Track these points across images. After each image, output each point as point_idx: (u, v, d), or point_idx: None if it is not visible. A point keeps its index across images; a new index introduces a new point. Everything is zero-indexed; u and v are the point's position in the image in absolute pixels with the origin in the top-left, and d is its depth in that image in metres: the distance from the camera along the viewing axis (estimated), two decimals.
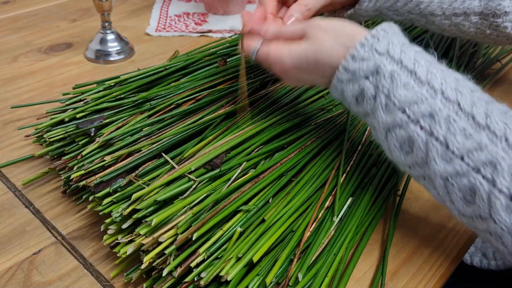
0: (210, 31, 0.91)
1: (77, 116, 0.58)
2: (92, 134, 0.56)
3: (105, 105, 0.60)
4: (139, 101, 0.61)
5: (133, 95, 0.62)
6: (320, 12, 0.64)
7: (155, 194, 0.47)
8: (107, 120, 0.58)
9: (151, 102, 0.61)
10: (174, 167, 0.50)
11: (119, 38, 0.81)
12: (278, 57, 0.50)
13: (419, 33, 0.83)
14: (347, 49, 0.46)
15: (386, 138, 0.45)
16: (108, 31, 0.80)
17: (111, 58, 0.79)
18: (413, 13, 0.67)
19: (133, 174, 0.50)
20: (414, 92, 0.42)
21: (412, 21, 0.68)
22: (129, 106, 0.61)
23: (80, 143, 0.56)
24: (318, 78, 0.50)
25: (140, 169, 0.51)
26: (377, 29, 0.46)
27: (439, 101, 0.41)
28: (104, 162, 0.52)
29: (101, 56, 0.79)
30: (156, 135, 0.56)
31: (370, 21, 0.84)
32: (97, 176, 0.50)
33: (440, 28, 0.68)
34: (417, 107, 0.42)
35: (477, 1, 0.64)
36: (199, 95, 0.63)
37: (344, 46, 0.46)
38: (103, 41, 0.80)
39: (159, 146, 0.54)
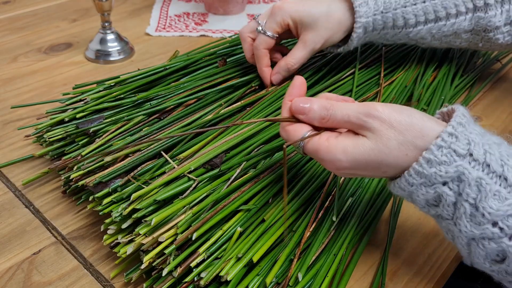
0: (210, 31, 0.91)
1: (77, 116, 0.58)
2: (91, 133, 0.56)
3: (105, 105, 0.60)
4: (139, 101, 0.61)
5: (133, 95, 0.62)
6: None
7: (155, 193, 0.47)
8: (107, 120, 0.58)
9: (151, 102, 0.61)
10: (174, 167, 0.50)
11: (119, 38, 0.81)
12: (332, 157, 0.41)
13: None
14: (418, 150, 0.39)
15: (469, 246, 0.39)
16: (108, 31, 0.80)
17: (111, 58, 0.79)
18: (402, 40, 0.68)
19: (132, 174, 0.50)
20: (508, 203, 0.37)
21: (404, 42, 0.70)
22: (129, 106, 0.61)
23: (80, 143, 0.56)
24: (378, 176, 0.43)
25: (139, 168, 0.51)
26: (453, 124, 0.39)
27: None
28: (103, 162, 0.52)
29: (101, 56, 0.79)
30: (156, 135, 0.56)
31: None
32: (96, 176, 0.50)
33: (431, 46, 0.70)
34: None
35: (466, 21, 0.64)
36: (200, 95, 0.63)
37: (414, 146, 0.39)
38: (103, 41, 0.80)
39: (159, 146, 0.54)
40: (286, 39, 0.70)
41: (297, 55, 0.64)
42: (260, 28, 0.64)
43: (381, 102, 0.41)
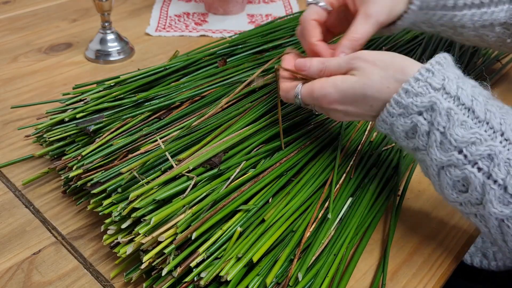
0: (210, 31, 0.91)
1: (77, 116, 0.58)
2: (91, 133, 0.56)
3: (105, 105, 0.60)
4: (139, 101, 0.61)
5: (133, 95, 0.62)
6: None
7: (154, 192, 0.47)
8: (107, 119, 0.58)
9: (151, 102, 0.61)
10: (173, 166, 0.50)
11: (119, 38, 0.81)
12: (324, 92, 0.48)
13: (418, 33, 0.83)
14: (398, 83, 0.44)
15: (439, 175, 0.44)
16: (108, 31, 0.80)
17: (111, 58, 0.79)
18: (445, 26, 0.65)
19: (133, 167, 0.49)
20: (472, 132, 0.41)
21: (440, 32, 0.67)
22: (129, 106, 0.61)
23: (80, 143, 0.56)
24: (366, 111, 0.48)
25: (139, 167, 0.51)
26: (431, 62, 0.44)
27: (498, 142, 0.40)
28: (103, 161, 0.52)
29: (101, 56, 0.79)
30: (156, 135, 0.56)
31: None
32: (94, 176, 0.50)
33: (464, 39, 0.68)
34: (475, 148, 0.41)
35: (503, 12, 0.63)
36: (199, 95, 0.63)
37: (394, 79, 0.45)
38: (103, 41, 0.80)
39: (158, 146, 0.54)
40: (342, 19, 0.60)
41: (361, 29, 0.55)
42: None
43: (368, 50, 0.48)
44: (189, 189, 0.48)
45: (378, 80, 0.45)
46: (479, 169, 0.41)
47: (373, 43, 0.78)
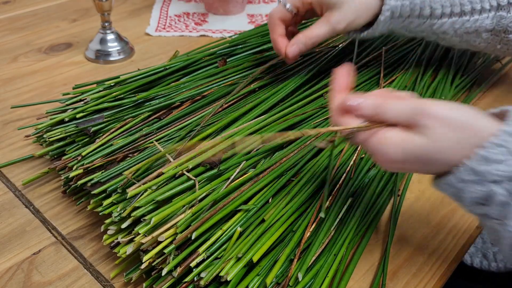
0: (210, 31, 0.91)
1: (77, 116, 0.58)
2: (91, 133, 0.56)
3: (105, 105, 0.60)
4: (139, 101, 0.61)
5: (133, 95, 0.62)
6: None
7: (153, 192, 0.47)
8: (107, 119, 0.58)
9: (151, 102, 0.61)
10: (170, 161, 0.50)
11: (119, 38, 0.81)
12: (383, 150, 0.41)
13: None
14: (472, 146, 0.38)
15: None
16: (108, 31, 0.80)
17: (111, 58, 0.79)
18: (425, 32, 0.66)
19: (129, 172, 0.50)
20: None
21: (422, 37, 0.68)
22: (129, 106, 0.61)
23: (80, 143, 0.56)
24: (425, 170, 0.42)
25: (138, 166, 0.51)
26: (510, 123, 0.38)
27: None
28: (103, 162, 0.52)
29: (101, 56, 0.79)
30: (155, 135, 0.56)
31: None
32: (94, 176, 0.50)
33: (450, 44, 0.68)
34: None
35: (489, 19, 0.63)
36: (200, 95, 0.63)
37: (467, 143, 0.38)
38: (103, 41, 0.80)
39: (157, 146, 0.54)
40: (309, 18, 0.68)
41: (317, 31, 0.61)
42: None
43: (432, 100, 0.40)
44: (196, 187, 0.47)
45: (451, 144, 0.39)
46: None
47: (372, 43, 0.78)
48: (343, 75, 0.44)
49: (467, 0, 0.62)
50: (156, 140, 0.55)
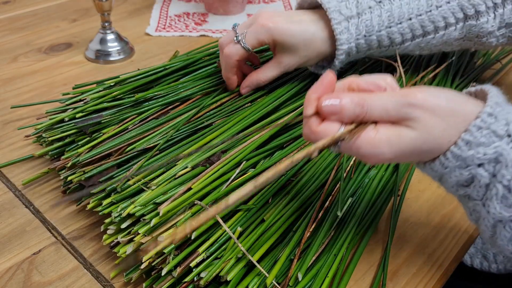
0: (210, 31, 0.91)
1: (77, 116, 0.58)
2: (88, 133, 0.56)
3: (104, 105, 0.60)
4: (138, 100, 0.61)
5: (132, 95, 0.62)
6: None
7: (153, 192, 0.47)
8: (106, 118, 0.58)
9: (149, 102, 0.61)
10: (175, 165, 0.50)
11: (119, 38, 0.81)
12: (375, 152, 0.38)
13: None
14: (458, 132, 0.38)
15: (494, 228, 0.39)
16: (108, 31, 0.80)
17: (111, 58, 0.79)
18: (392, 53, 0.65)
19: (131, 172, 0.50)
20: None
21: (390, 55, 0.67)
22: (128, 106, 0.61)
23: (79, 143, 0.56)
24: (415, 160, 0.42)
25: (137, 165, 0.51)
26: (491, 104, 0.38)
27: None
28: (96, 152, 0.52)
29: (101, 56, 0.79)
30: (153, 132, 0.57)
31: None
32: (86, 168, 0.50)
33: (422, 53, 0.68)
34: None
35: (457, 31, 0.62)
36: (199, 95, 0.63)
37: (456, 129, 0.38)
38: (103, 41, 0.80)
39: (156, 142, 0.54)
40: (254, 62, 0.70)
41: (269, 74, 0.64)
42: (239, 37, 0.60)
43: (416, 88, 0.39)
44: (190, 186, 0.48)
45: (440, 134, 0.38)
46: None
47: None
48: (326, 84, 0.40)
49: (428, 21, 0.61)
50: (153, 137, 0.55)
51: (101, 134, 0.56)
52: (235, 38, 0.61)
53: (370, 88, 0.40)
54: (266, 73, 0.64)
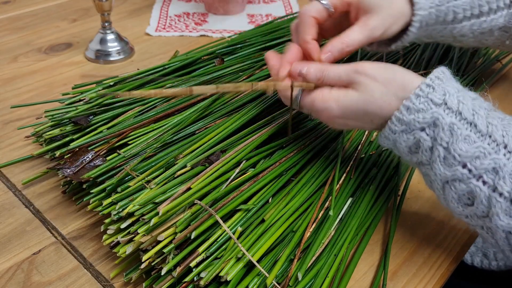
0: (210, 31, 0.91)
1: (76, 115, 0.58)
2: (85, 125, 0.56)
3: (104, 103, 0.60)
4: (136, 99, 0.61)
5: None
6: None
7: (152, 191, 0.47)
8: (105, 116, 0.58)
9: (146, 100, 0.61)
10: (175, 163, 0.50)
11: (119, 38, 0.81)
12: (325, 106, 0.48)
13: None
14: (399, 100, 0.44)
15: (443, 189, 0.44)
16: (108, 31, 0.80)
17: (111, 58, 0.79)
18: (445, 37, 0.66)
19: (130, 167, 0.50)
20: (475, 146, 0.41)
21: (438, 41, 0.67)
22: (126, 104, 0.61)
23: (77, 141, 0.56)
24: (366, 126, 0.48)
25: (135, 163, 0.51)
26: (431, 77, 0.44)
27: (502, 155, 0.40)
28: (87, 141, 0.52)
29: (101, 56, 0.79)
30: (151, 129, 0.57)
31: None
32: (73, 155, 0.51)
33: (462, 45, 0.69)
34: (479, 162, 0.41)
35: (502, 17, 0.64)
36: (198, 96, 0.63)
37: (396, 96, 0.45)
38: (103, 41, 0.80)
39: (156, 142, 0.54)
40: (330, 35, 0.60)
41: (354, 36, 0.54)
42: None
43: (369, 61, 0.47)
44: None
45: (380, 97, 0.45)
46: (484, 182, 0.41)
47: None
48: (294, 52, 0.52)
49: (485, 1, 0.62)
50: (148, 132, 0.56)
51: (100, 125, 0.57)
52: None
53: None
54: (350, 35, 0.54)
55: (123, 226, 0.45)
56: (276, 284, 0.43)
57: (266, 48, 0.76)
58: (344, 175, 0.54)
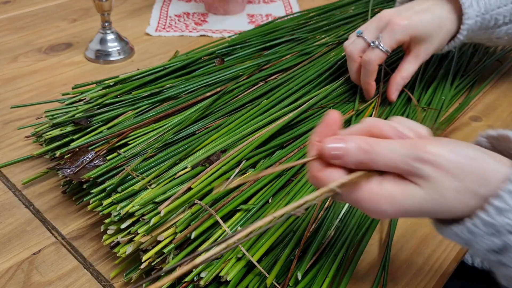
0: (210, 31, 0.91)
1: (76, 116, 0.58)
2: (85, 125, 0.56)
3: (104, 103, 0.60)
4: (136, 97, 0.61)
5: (130, 95, 0.62)
6: None
7: (153, 191, 0.47)
8: (105, 116, 0.58)
9: (146, 99, 0.62)
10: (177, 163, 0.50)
11: (119, 38, 0.81)
12: (376, 207, 0.35)
13: None
14: (480, 198, 0.33)
15: None
16: (108, 31, 0.80)
17: (111, 58, 0.79)
18: (481, 40, 0.68)
19: (130, 168, 0.50)
20: None
21: (477, 41, 0.70)
22: (126, 104, 0.61)
23: (77, 141, 0.56)
24: (422, 217, 0.37)
25: (136, 164, 0.51)
26: None
27: None
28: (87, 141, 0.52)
29: (101, 56, 0.79)
30: (151, 129, 0.57)
31: None
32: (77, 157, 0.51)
33: (495, 45, 0.72)
34: None
35: None
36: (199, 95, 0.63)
37: (475, 193, 0.33)
38: (103, 41, 0.80)
39: (157, 142, 0.54)
40: None
41: (411, 69, 0.65)
42: (376, 42, 0.62)
43: (431, 140, 0.35)
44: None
45: (453, 196, 0.33)
46: None
47: None
48: (330, 124, 0.36)
49: None
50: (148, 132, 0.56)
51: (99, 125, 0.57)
52: (371, 44, 0.62)
53: (394, 135, 0.36)
54: (408, 70, 0.65)
55: (123, 226, 0.45)
56: (276, 284, 0.43)
57: (266, 48, 0.76)
58: None
